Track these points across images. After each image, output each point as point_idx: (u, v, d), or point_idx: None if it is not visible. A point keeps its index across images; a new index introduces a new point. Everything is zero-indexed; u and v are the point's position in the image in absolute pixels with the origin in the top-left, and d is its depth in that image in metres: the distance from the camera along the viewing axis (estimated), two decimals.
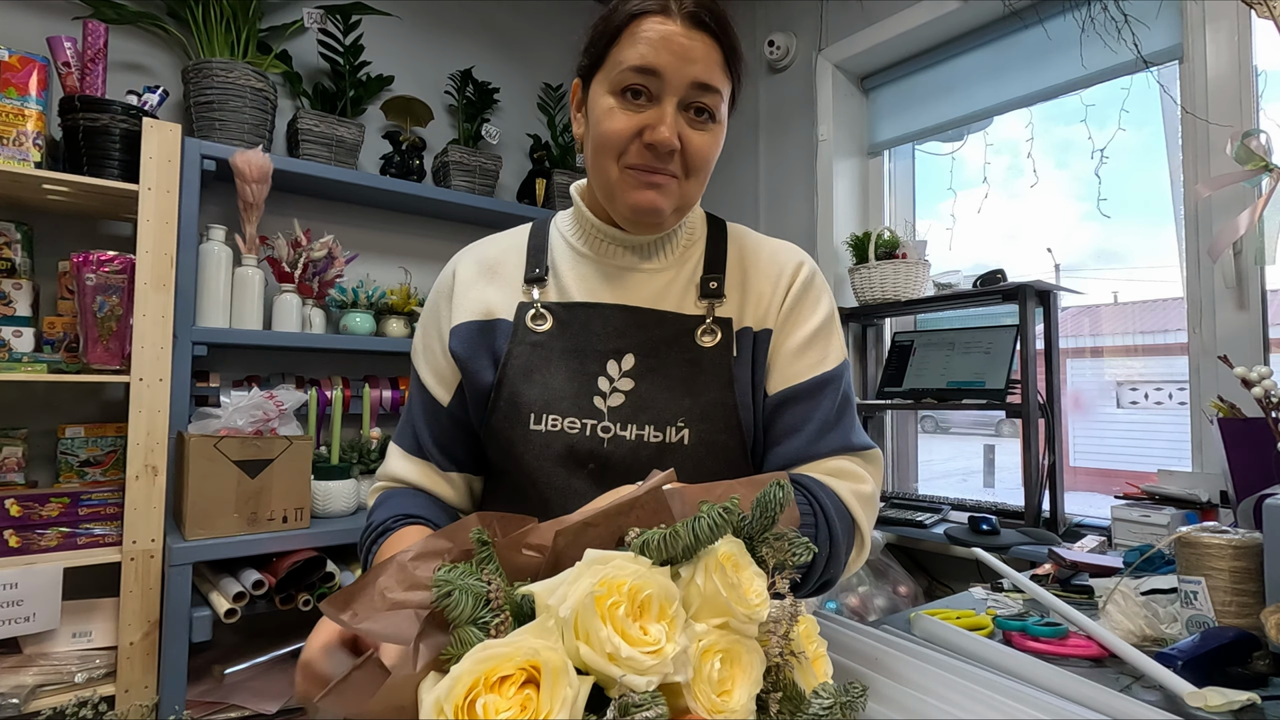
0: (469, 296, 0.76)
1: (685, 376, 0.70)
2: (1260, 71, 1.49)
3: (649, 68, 0.65)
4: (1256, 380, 1.04)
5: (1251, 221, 1.35)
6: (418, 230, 2.28)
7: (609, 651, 0.35)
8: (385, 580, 0.41)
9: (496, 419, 0.72)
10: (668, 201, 0.69)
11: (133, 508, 1.47)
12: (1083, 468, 2.01)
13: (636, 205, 0.68)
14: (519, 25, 2.55)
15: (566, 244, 0.78)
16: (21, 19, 1.69)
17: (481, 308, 0.75)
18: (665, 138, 0.65)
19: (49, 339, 1.55)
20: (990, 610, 0.95)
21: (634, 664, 0.35)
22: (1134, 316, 2.03)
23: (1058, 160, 1.96)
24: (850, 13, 2.22)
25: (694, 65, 0.66)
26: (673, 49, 0.65)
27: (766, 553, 0.43)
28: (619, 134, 0.67)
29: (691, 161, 0.68)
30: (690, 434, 0.69)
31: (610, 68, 0.68)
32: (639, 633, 0.36)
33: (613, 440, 0.68)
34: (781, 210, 2.43)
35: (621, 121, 0.67)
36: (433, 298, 0.80)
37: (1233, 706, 0.65)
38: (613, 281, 0.74)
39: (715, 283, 0.74)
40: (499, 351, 0.72)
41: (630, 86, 0.66)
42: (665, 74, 0.65)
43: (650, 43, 0.65)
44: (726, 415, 0.70)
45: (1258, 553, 0.81)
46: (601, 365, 0.70)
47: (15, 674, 1.38)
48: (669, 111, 0.66)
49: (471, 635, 0.36)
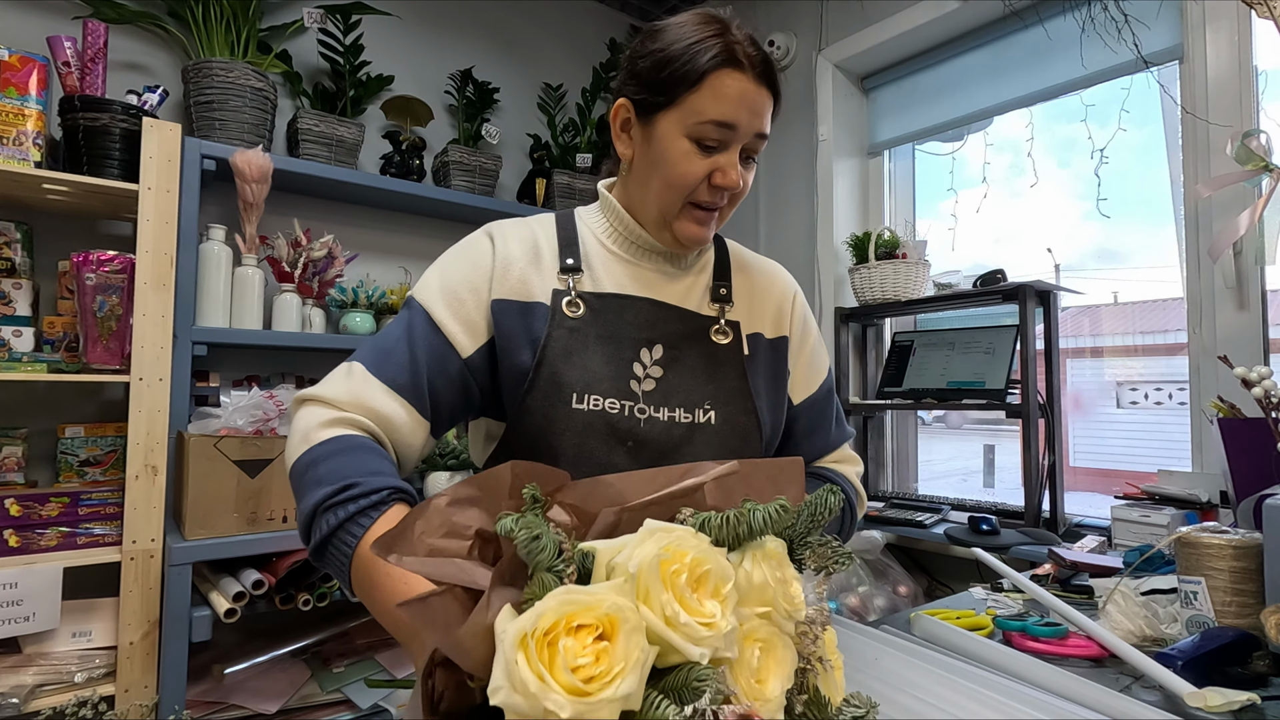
0: (513, 274, 0.78)
1: (705, 366, 0.80)
2: (1260, 71, 1.49)
3: (729, 123, 0.73)
4: (1256, 380, 1.04)
5: (1251, 221, 1.35)
6: (418, 230, 2.28)
7: (668, 615, 0.35)
8: (423, 525, 0.42)
9: (534, 398, 0.75)
10: (712, 232, 0.80)
11: (133, 507, 1.47)
12: (1083, 468, 2.01)
13: (691, 237, 0.78)
14: (519, 25, 2.55)
15: (598, 241, 0.84)
16: (21, 19, 1.69)
17: (522, 289, 0.77)
18: (735, 181, 0.75)
19: (49, 339, 1.55)
20: (990, 610, 0.95)
21: (690, 632, 0.36)
22: (1134, 316, 2.03)
23: (1058, 160, 1.96)
24: (850, 13, 2.22)
25: (759, 119, 0.75)
26: (748, 105, 0.73)
27: (808, 555, 0.45)
28: (694, 177, 0.75)
29: (735, 198, 0.79)
30: (716, 415, 0.78)
31: (687, 114, 0.74)
32: (697, 604, 0.37)
33: (648, 421, 0.75)
34: (781, 210, 2.43)
35: (698, 166, 0.75)
36: (469, 254, 0.79)
37: (1232, 706, 0.64)
38: (640, 280, 0.82)
39: (725, 289, 0.85)
40: (536, 334, 0.76)
41: (708, 139, 0.74)
42: (739, 127, 0.74)
43: (731, 100, 0.72)
44: (744, 400, 0.80)
45: (1258, 553, 0.81)
46: (635, 352, 0.78)
47: (15, 674, 1.38)
48: (735, 157, 0.75)
49: (551, 580, 0.36)
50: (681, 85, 0.73)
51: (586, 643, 0.34)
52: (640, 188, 0.79)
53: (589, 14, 2.71)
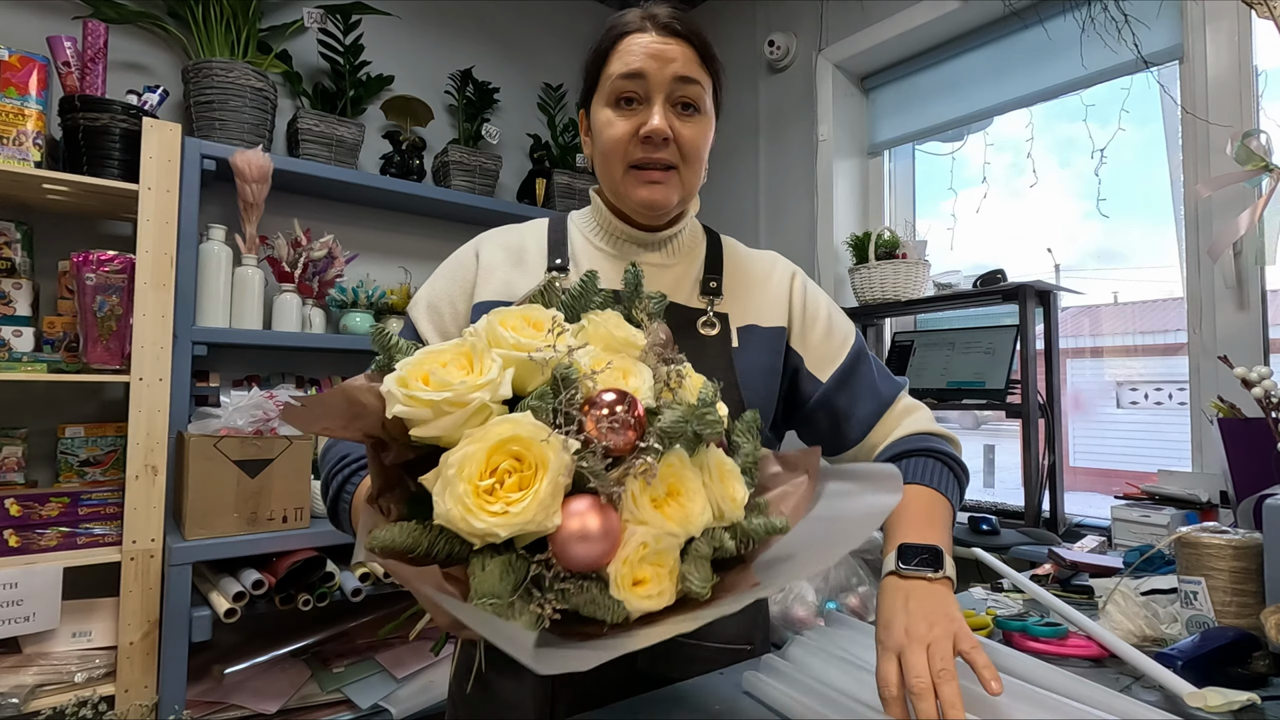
0: (495, 277, 0.82)
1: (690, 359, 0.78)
2: (1260, 71, 1.49)
3: (634, 72, 0.75)
4: (1256, 380, 1.04)
5: (1251, 222, 1.35)
6: (418, 230, 2.28)
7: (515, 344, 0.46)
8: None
9: None
10: (671, 193, 0.79)
11: (132, 507, 1.47)
12: (1083, 468, 2.01)
13: (644, 200, 0.78)
14: (519, 25, 2.55)
15: (586, 240, 0.86)
16: (21, 19, 1.69)
17: (506, 289, 0.81)
18: (657, 126, 0.74)
19: (49, 339, 1.55)
20: (990, 610, 0.95)
21: (530, 346, 0.46)
22: (1134, 316, 2.03)
23: (1058, 159, 1.96)
24: (850, 13, 2.22)
25: (673, 64, 0.75)
26: (652, 53, 0.75)
27: (638, 313, 0.57)
28: (620, 137, 0.76)
29: (685, 150, 0.77)
30: None
31: (603, 84, 0.78)
32: (531, 331, 0.48)
33: None
34: (781, 210, 2.43)
35: (620, 126, 0.76)
36: (452, 271, 0.85)
37: (1232, 707, 0.64)
38: None
39: (715, 282, 0.84)
40: None
41: (622, 95, 0.76)
42: (649, 75, 0.75)
43: (633, 53, 0.76)
44: (730, 393, 0.78)
45: (1258, 553, 0.81)
46: None
47: (15, 674, 1.38)
48: (658, 107, 0.75)
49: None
50: (597, 65, 0.79)
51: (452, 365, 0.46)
52: (600, 178, 0.82)
53: (589, 14, 2.71)
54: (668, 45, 0.76)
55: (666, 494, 0.45)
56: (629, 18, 0.78)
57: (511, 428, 0.41)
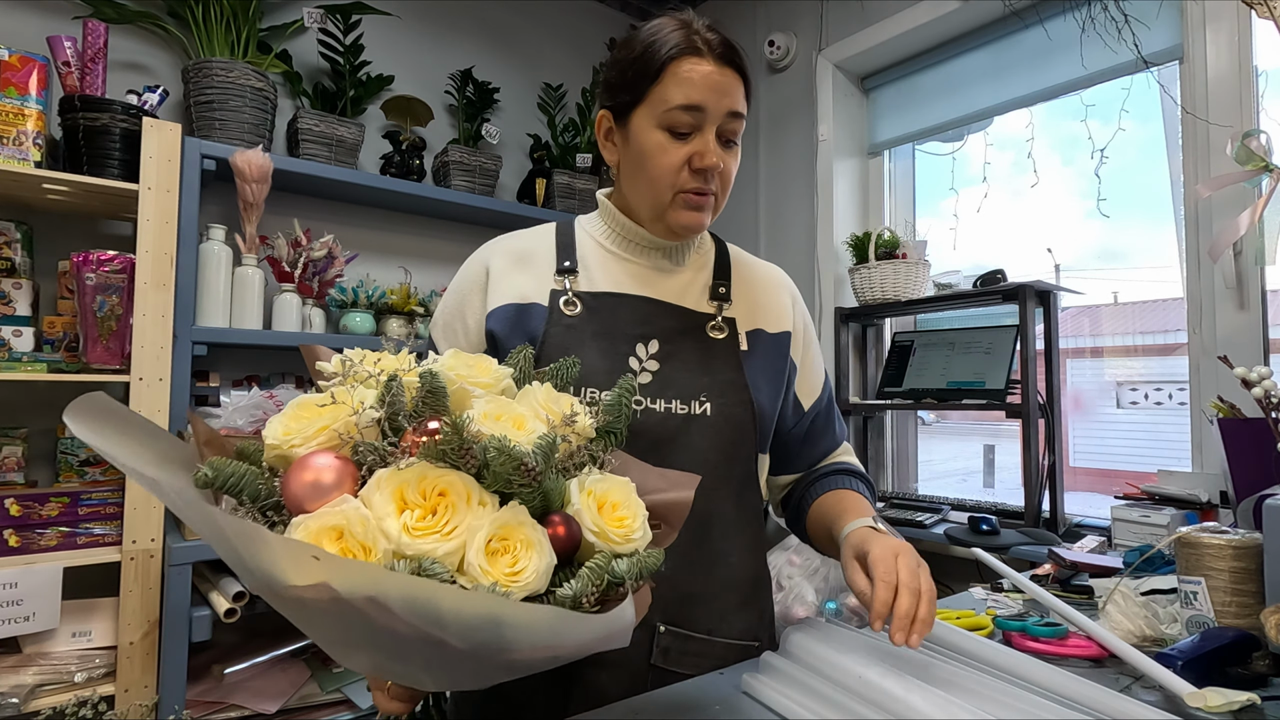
0: (504, 283, 0.83)
1: (700, 361, 0.81)
2: (1260, 71, 1.49)
3: (695, 105, 0.75)
4: (1256, 380, 1.04)
5: (1251, 222, 1.35)
6: (418, 230, 2.28)
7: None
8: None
9: None
10: (709, 218, 0.82)
11: (132, 507, 1.47)
12: (1083, 468, 2.01)
13: (686, 225, 0.80)
14: (519, 25, 2.55)
15: (596, 243, 0.87)
16: (21, 19, 1.69)
17: (516, 293, 0.82)
18: (714, 162, 0.76)
19: (49, 338, 1.55)
20: (990, 610, 0.95)
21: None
22: (1134, 316, 2.03)
23: (1060, 158, 1.96)
24: (850, 13, 2.22)
25: (727, 98, 0.76)
26: (711, 86, 0.75)
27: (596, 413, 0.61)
28: (673, 165, 0.77)
29: (724, 180, 0.80)
30: (712, 407, 0.79)
31: (655, 105, 0.77)
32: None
33: (645, 412, 0.77)
34: (781, 210, 2.43)
35: (675, 154, 0.77)
36: (461, 286, 0.86)
37: (1232, 707, 0.64)
38: (638, 279, 0.84)
39: (724, 288, 0.86)
40: (534, 332, 0.80)
41: (680, 125, 0.76)
42: (708, 109, 0.75)
43: (693, 83, 0.75)
44: (739, 392, 0.81)
45: (1258, 553, 0.81)
46: (631, 346, 0.80)
47: (15, 674, 1.38)
48: (711, 140, 0.77)
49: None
50: (645, 79, 0.77)
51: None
52: (631, 188, 0.82)
53: (589, 14, 2.71)
54: (725, 77, 0.76)
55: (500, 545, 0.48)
56: (679, 37, 0.76)
57: (336, 410, 0.50)
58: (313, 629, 0.49)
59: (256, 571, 0.43)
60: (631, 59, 0.78)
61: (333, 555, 0.39)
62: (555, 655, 0.48)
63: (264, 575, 0.42)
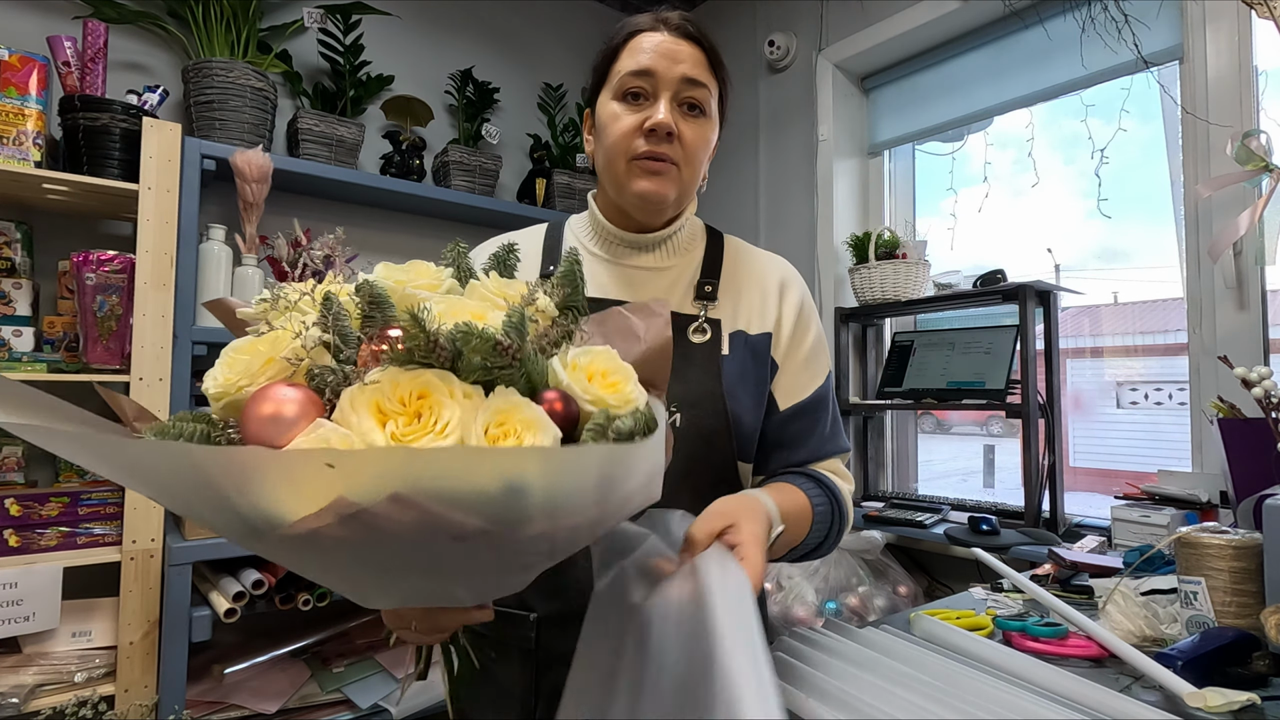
0: None
1: (677, 368, 0.76)
2: (1260, 71, 1.49)
3: (644, 70, 0.76)
4: (1256, 380, 1.04)
5: (1252, 222, 1.35)
6: (418, 230, 2.28)
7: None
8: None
9: None
10: (670, 187, 0.78)
11: (132, 507, 1.47)
12: (1083, 468, 2.01)
13: (644, 192, 0.77)
14: (519, 25, 2.55)
15: (581, 245, 0.86)
16: (21, 19, 1.69)
17: None
18: (663, 120, 0.75)
19: (49, 339, 1.55)
20: (990, 610, 0.95)
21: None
22: (1134, 316, 2.03)
23: (1060, 158, 1.96)
24: (850, 13, 2.22)
25: (682, 64, 0.77)
26: (663, 52, 0.76)
27: (552, 292, 0.58)
28: (625, 130, 0.76)
29: (687, 149, 0.78)
30: (683, 418, 0.76)
31: (612, 79, 0.79)
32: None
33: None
34: (781, 210, 2.43)
35: (626, 120, 0.77)
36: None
37: (1232, 707, 0.64)
38: (620, 281, 0.83)
39: (710, 286, 0.83)
40: None
41: (630, 89, 0.77)
42: (658, 73, 0.76)
43: (643, 50, 0.77)
44: (714, 403, 0.77)
45: (1257, 553, 0.81)
46: None
47: (15, 674, 1.38)
48: (665, 103, 0.76)
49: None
50: (607, 61, 0.80)
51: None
52: (602, 174, 0.82)
53: (589, 14, 2.71)
54: (679, 46, 0.77)
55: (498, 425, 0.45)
56: (641, 19, 0.80)
57: (276, 338, 0.47)
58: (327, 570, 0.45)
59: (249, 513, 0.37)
60: (601, 50, 0.82)
61: (348, 451, 0.36)
62: (597, 520, 0.45)
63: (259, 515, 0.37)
